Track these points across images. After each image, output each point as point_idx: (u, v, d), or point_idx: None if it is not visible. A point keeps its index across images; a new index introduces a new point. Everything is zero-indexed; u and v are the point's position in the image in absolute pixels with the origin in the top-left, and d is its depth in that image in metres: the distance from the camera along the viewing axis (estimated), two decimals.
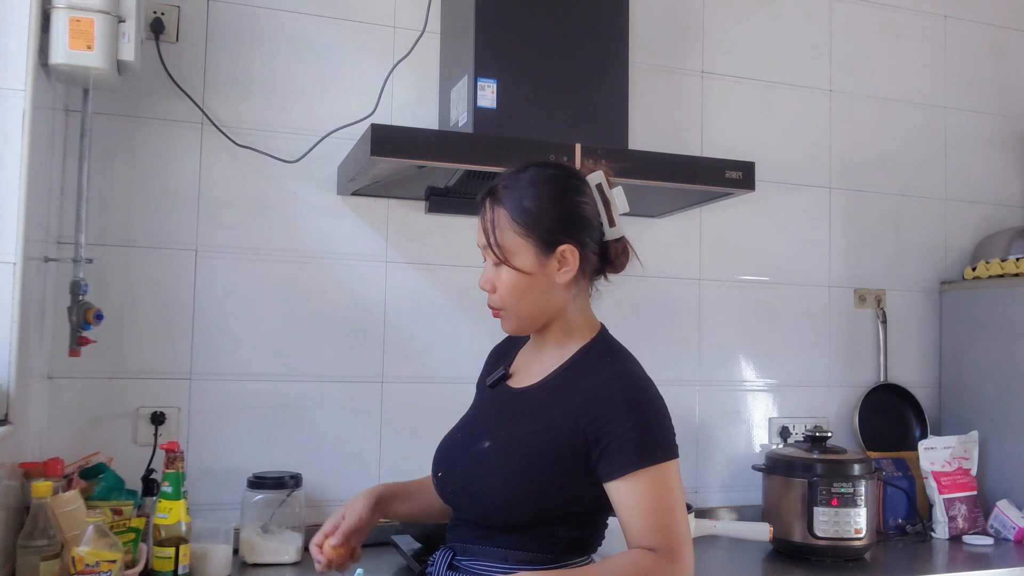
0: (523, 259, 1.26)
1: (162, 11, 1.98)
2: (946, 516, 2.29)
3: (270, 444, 2.02)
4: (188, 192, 2.00)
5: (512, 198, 1.27)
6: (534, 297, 1.27)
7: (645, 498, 1.18)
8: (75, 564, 1.39)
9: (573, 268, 1.27)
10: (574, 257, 1.26)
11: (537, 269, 1.26)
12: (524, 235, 1.25)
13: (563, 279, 1.27)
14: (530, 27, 1.98)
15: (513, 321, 1.31)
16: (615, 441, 1.19)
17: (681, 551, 1.17)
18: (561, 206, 1.26)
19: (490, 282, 1.30)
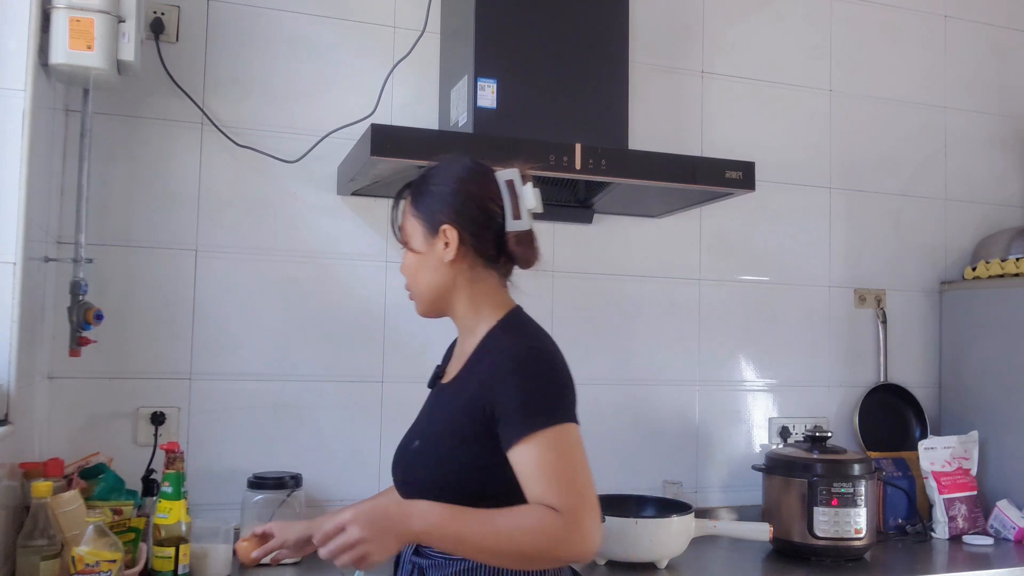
0: (416, 240, 1.34)
1: (162, 11, 1.98)
2: (946, 516, 2.29)
3: (270, 444, 2.02)
4: (188, 192, 2.00)
5: (416, 186, 1.36)
6: (425, 276, 1.34)
7: (538, 463, 1.17)
8: (75, 564, 1.39)
9: (453, 247, 1.30)
10: (453, 236, 1.30)
11: (427, 248, 1.33)
12: (416, 217, 1.34)
13: (447, 257, 1.31)
14: (530, 27, 1.98)
15: (420, 305, 1.39)
16: (507, 411, 1.21)
17: (578, 515, 1.14)
18: (450, 190, 1.32)
19: (403, 267, 1.39)
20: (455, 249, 1.31)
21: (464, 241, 1.31)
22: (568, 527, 1.13)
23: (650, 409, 2.37)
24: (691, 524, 1.97)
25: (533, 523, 1.13)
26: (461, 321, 1.37)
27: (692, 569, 1.98)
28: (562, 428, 1.20)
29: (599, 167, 1.84)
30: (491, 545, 1.15)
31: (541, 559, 1.16)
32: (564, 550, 1.14)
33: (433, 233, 1.32)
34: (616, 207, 2.27)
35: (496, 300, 1.36)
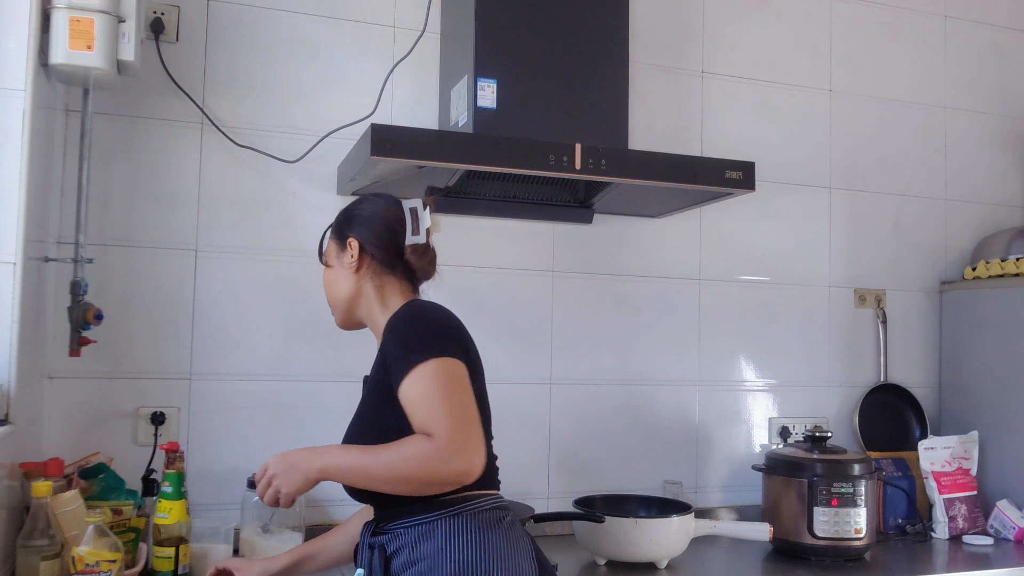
0: (331, 256, 1.53)
1: (162, 11, 1.99)
2: (946, 516, 2.29)
3: (270, 444, 2.02)
4: (188, 192, 2.00)
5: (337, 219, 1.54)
6: (336, 288, 1.51)
7: (417, 395, 1.28)
8: (75, 564, 1.39)
9: (355, 256, 1.47)
10: (355, 247, 1.47)
11: (336, 262, 1.51)
12: (332, 238, 1.53)
13: (351, 267, 1.48)
14: (530, 27, 1.98)
15: (336, 316, 1.54)
16: (390, 361, 1.34)
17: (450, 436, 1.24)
18: (358, 212, 1.51)
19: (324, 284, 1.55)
20: (357, 258, 1.47)
21: (364, 250, 1.47)
22: (440, 448, 1.23)
23: (650, 409, 2.37)
24: (691, 524, 1.97)
25: (409, 449, 1.25)
26: (374, 327, 1.50)
27: (692, 569, 1.98)
28: (440, 360, 1.31)
29: (599, 167, 1.84)
30: (381, 473, 1.27)
31: (423, 480, 1.26)
32: (440, 469, 1.24)
33: (342, 247, 1.49)
34: (616, 207, 2.27)
35: (392, 300, 1.49)
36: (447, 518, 1.32)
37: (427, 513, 1.33)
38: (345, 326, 1.56)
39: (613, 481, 2.27)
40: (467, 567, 1.29)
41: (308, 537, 1.92)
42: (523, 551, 1.36)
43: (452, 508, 1.33)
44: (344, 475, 1.31)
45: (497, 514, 1.37)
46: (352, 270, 1.48)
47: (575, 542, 2.00)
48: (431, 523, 1.33)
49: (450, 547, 1.30)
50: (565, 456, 2.28)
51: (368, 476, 1.29)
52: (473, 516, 1.34)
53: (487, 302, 2.23)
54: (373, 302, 1.49)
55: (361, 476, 1.30)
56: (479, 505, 1.36)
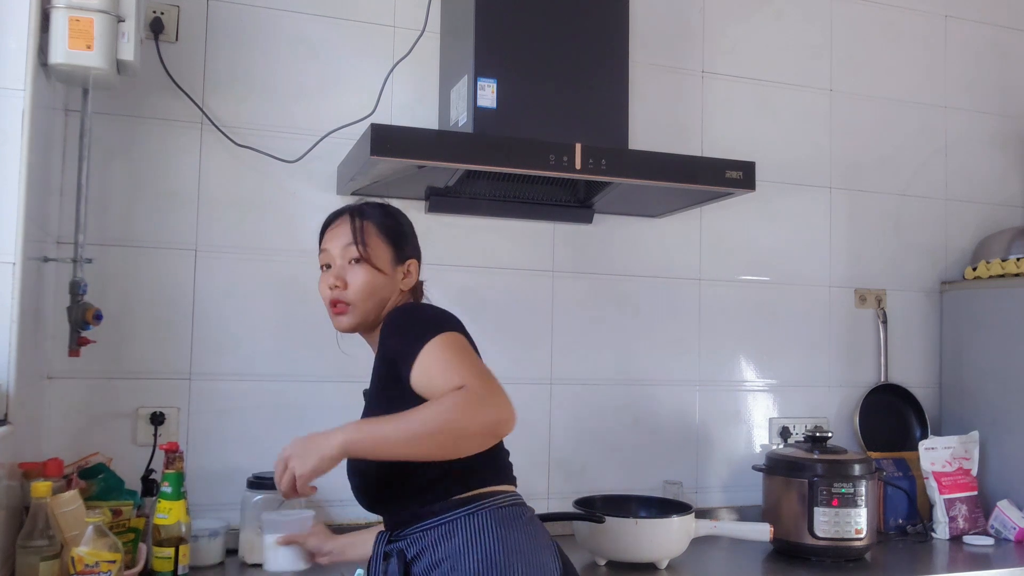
0: (382, 260, 1.46)
1: (162, 11, 1.98)
2: (946, 516, 2.29)
3: (270, 444, 2.00)
4: (188, 192, 2.00)
5: (377, 214, 1.49)
6: (380, 296, 1.45)
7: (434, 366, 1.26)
8: (74, 564, 1.39)
9: (414, 279, 1.50)
10: (416, 271, 1.51)
11: (390, 272, 1.46)
12: (387, 242, 1.47)
13: (406, 286, 1.49)
14: (530, 27, 1.98)
15: (356, 318, 1.45)
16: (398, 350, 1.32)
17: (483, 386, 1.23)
18: (412, 233, 1.53)
19: (343, 279, 1.45)
20: (414, 282, 1.50)
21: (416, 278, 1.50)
22: (476, 395, 1.21)
23: (650, 409, 2.37)
24: (691, 524, 1.97)
25: (444, 403, 1.21)
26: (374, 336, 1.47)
27: (692, 569, 1.98)
28: (447, 335, 1.30)
29: (599, 167, 1.83)
30: (414, 431, 1.20)
31: (461, 431, 1.21)
32: (479, 416, 1.21)
33: (398, 263, 1.47)
34: (616, 207, 2.27)
35: None
36: (466, 516, 1.30)
37: (446, 513, 1.31)
38: (352, 329, 1.49)
39: (613, 481, 2.27)
40: (491, 564, 1.26)
41: None
42: (545, 547, 1.34)
43: (471, 506, 1.31)
44: (370, 445, 1.23)
45: (516, 510, 1.35)
46: (406, 288, 1.48)
47: (575, 542, 2.00)
48: (451, 522, 1.30)
49: (472, 545, 1.27)
50: (565, 456, 2.28)
51: (398, 439, 1.21)
52: (493, 512, 1.31)
53: (487, 302, 2.23)
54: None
55: (390, 442, 1.21)
56: (498, 501, 1.34)
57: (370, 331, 1.48)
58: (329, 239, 1.50)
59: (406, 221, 1.53)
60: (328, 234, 1.51)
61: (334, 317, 1.47)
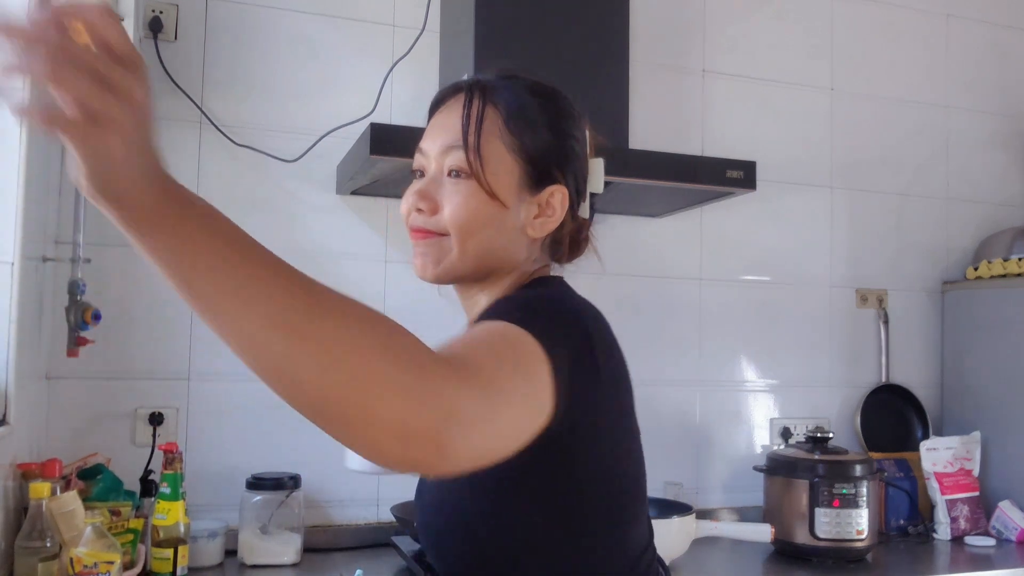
0: (503, 182, 0.93)
1: (160, 10, 1.98)
2: (948, 517, 2.28)
3: (269, 444, 2.01)
4: None
5: (511, 99, 0.96)
6: (491, 235, 0.94)
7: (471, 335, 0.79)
8: (73, 565, 1.38)
9: (556, 219, 0.97)
10: (562, 206, 0.97)
11: (513, 201, 0.94)
12: (515, 152, 0.95)
13: (538, 231, 0.97)
14: (530, 27, 1.98)
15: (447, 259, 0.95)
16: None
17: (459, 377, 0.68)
18: (564, 137, 0.98)
19: (432, 199, 0.94)
20: (557, 222, 0.97)
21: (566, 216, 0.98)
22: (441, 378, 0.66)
23: (650, 409, 2.36)
24: (692, 525, 1.97)
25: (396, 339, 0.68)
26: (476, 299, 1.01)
27: (693, 570, 1.97)
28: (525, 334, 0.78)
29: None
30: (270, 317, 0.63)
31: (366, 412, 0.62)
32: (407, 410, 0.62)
33: (533, 189, 0.95)
34: (616, 207, 2.27)
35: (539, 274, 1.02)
36: None
37: None
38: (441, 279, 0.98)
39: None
40: None
41: (307, 538, 1.92)
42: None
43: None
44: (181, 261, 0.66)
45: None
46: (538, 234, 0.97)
47: None
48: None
49: None
50: None
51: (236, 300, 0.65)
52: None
53: None
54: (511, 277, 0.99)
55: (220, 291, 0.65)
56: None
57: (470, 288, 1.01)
58: (430, 131, 0.99)
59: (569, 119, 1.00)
60: (433, 121, 1.00)
61: (416, 259, 0.98)
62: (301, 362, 0.62)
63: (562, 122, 0.99)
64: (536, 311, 0.85)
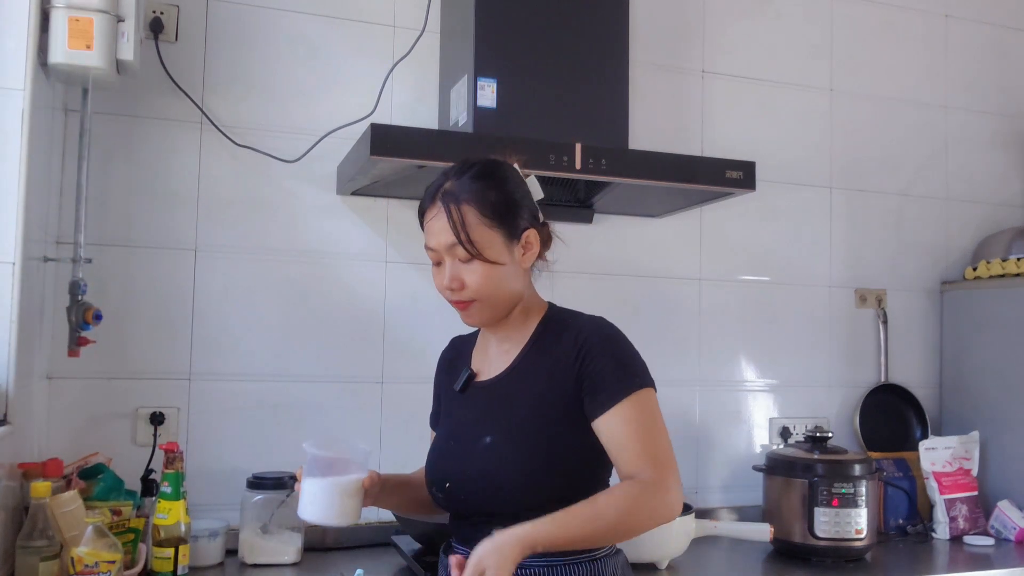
0: (495, 250, 1.30)
1: (161, 10, 1.98)
2: (947, 516, 2.29)
3: (270, 444, 2.01)
4: (187, 192, 2.00)
5: (473, 193, 1.29)
6: (507, 284, 1.33)
7: (629, 426, 1.25)
8: (74, 565, 1.39)
9: (535, 252, 1.35)
10: (536, 240, 1.35)
11: (507, 258, 1.32)
12: (492, 226, 1.30)
13: (527, 263, 1.35)
14: (530, 27, 1.98)
15: (485, 312, 1.34)
16: (597, 379, 1.28)
17: (667, 477, 1.24)
18: (517, 195, 1.33)
19: (458, 279, 1.31)
20: (536, 253, 1.35)
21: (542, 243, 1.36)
22: (654, 489, 1.22)
23: None
24: (691, 525, 1.97)
25: (624, 500, 1.21)
26: (512, 322, 1.38)
27: (693, 570, 1.97)
28: (646, 393, 1.28)
29: (599, 167, 1.83)
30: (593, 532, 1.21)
31: (637, 527, 1.24)
32: (655, 514, 1.23)
33: (514, 240, 1.32)
34: (616, 207, 2.27)
35: (537, 297, 1.43)
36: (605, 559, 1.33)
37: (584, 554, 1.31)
38: (489, 325, 1.38)
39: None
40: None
41: (308, 538, 1.92)
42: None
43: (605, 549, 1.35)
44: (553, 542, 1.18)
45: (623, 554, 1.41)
46: (528, 265, 1.35)
47: None
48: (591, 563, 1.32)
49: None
50: None
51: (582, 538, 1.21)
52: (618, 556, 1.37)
53: None
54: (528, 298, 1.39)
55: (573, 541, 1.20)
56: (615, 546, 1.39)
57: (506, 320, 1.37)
58: (430, 234, 1.33)
59: (511, 181, 1.34)
60: (427, 227, 1.34)
61: (462, 314, 1.35)
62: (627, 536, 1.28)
63: (506, 185, 1.32)
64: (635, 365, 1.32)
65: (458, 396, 1.43)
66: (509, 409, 1.33)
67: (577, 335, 1.32)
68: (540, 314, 1.40)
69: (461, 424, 1.40)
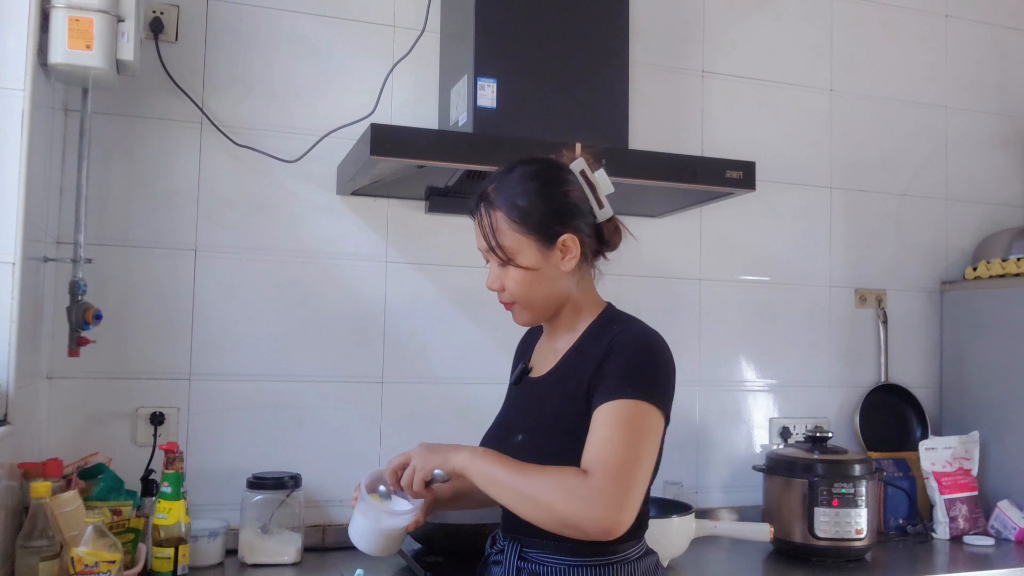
0: (527, 256, 1.32)
1: (161, 10, 1.98)
2: (947, 516, 2.29)
3: (270, 444, 2.02)
4: (188, 192, 2.00)
5: (505, 199, 1.32)
6: (544, 288, 1.33)
7: (608, 427, 1.21)
8: (74, 565, 1.39)
9: (576, 255, 1.33)
10: (575, 244, 1.32)
11: (542, 263, 1.32)
12: (524, 233, 1.31)
13: (568, 267, 1.33)
14: (530, 27, 1.98)
15: (526, 314, 1.37)
16: (606, 375, 1.25)
17: (614, 492, 1.15)
18: (553, 199, 1.32)
19: (498, 281, 1.36)
20: (577, 256, 1.33)
21: (583, 246, 1.33)
22: (589, 492, 1.15)
23: None
24: (691, 524, 1.97)
25: (559, 481, 1.17)
26: (562, 321, 1.39)
27: (692, 569, 1.97)
28: (648, 407, 1.22)
29: (599, 167, 1.83)
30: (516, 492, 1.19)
31: (559, 517, 1.17)
32: (577, 512, 1.15)
33: (549, 246, 1.32)
34: (616, 207, 2.25)
35: (593, 296, 1.41)
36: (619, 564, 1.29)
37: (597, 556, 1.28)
38: (536, 323, 1.42)
39: None
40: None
41: (307, 538, 1.92)
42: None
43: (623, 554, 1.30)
44: (482, 477, 1.22)
45: (655, 559, 1.37)
46: (568, 269, 1.33)
47: None
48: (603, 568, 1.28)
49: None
50: None
51: (506, 489, 1.20)
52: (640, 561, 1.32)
53: (487, 302, 2.20)
54: (573, 299, 1.37)
55: (498, 486, 1.21)
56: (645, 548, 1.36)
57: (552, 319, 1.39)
58: (476, 236, 1.38)
59: (547, 183, 1.33)
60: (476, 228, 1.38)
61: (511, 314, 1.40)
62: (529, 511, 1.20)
63: (550, 188, 1.32)
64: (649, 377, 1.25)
65: (513, 388, 1.47)
66: (541, 409, 1.35)
67: (612, 338, 1.30)
68: (594, 314, 1.39)
69: (507, 417, 1.45)
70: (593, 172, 1.36)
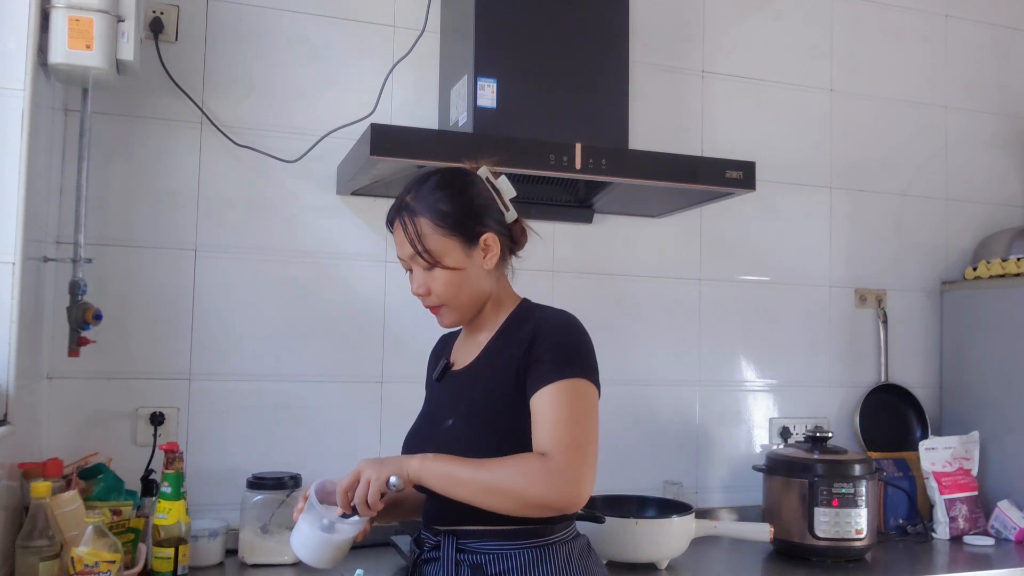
0: (453, 257, 1.37)
1: (161, 10, 1.98)
2: (947, 516, 2.29)
3: (270, 444, 2.02)
4: (187, 192, 2.00)
5: (427, 205, 1.37)
6: (469, 287, 1.39)
7: (554, 408, 1.26)
8: (74, 564, 1.39)
9: (496, 253, 1.39)
10: (495, 243, 1.39)
11: (467, 262, 1.38)
12: (448, 235, 1.36)
13: (490, 264, 1.39)
14: (530, 27, 1.98)
15: (454, 314, 1.42)
16: (538, 360, 1.31)
17: (576, 465, 1.23)
18: (472, 200, 1.39)
19: (424, 286, 1.40)
20: (498, 254, 1.39)
21: (501, 244, 1.40)
22: (551, 471, 1.22)
23: (650, 409, 2.37)
24: (691, 524, 1.97)
25: (519, 468, 1.23)
26: (484, 316, 1.44)
27: (692, 570, 1.97)
28: (585, 383, 1.29)
29: (599, 167, 1.83)
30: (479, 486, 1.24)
31: (526, 500, 1.23)
32: (544, 493, 1.22)
33: (472, 245, 1.37)
34: (616, 207, 2.27)
35: (510, 292, 1.47)
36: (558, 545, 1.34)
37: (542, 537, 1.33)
38: (459, 324, 1.46)
39: (613, 481, 2.27)
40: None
41: None
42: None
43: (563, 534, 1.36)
44: (440, 480, 1.26)
45: (586, 540, 1.42)
46: (491, 267, 1.39)
47: None
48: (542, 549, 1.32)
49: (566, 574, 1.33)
50: None
51: (469, 487, 1.24)
52: (574, 542, 1.38)
53: None
54: (497, 295, 1.43)
55: (460, 484, 1.24)
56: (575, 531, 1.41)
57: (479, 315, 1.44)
58: (396, 246, 1.43)
59: (467, 189, 1.40)
60: (394, 237, 1.43)
61: (437, 318, 1.44)
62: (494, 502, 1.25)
63: (467, 191, 1.39)
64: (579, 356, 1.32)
65: (436, 384, 1.51)
66: (470, 393, 1.39)
67: (535, 323, 1.36)
68: (512, 307, 1.45)
69: (433, 409, 1.49)
70: (496, 179, 1.43)
